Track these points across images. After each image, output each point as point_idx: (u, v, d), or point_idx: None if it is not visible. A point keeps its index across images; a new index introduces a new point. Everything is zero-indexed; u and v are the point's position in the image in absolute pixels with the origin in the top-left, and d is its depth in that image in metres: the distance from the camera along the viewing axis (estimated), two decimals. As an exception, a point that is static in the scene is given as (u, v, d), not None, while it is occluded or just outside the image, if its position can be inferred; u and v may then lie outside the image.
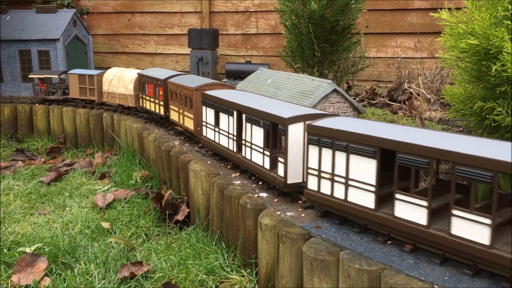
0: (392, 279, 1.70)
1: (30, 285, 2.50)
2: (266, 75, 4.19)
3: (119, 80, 5.04)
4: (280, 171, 2.42)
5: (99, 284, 2.49)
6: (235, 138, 2.91)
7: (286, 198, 2.57)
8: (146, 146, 4.22)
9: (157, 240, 3.10)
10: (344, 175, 2.02)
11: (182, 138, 4.03)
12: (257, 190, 2.71)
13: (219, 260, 2.61)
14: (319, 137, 2.11)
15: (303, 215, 2.34)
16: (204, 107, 3.30)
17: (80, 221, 3.29)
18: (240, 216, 2.55)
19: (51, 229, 3.22)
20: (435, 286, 1.64)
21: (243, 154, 2.82)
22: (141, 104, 4.79)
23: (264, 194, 2.64)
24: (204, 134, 3.38)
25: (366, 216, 1.96)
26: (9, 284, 2.54)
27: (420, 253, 1.87)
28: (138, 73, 4.79)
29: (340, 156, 2.03)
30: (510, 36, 2.52)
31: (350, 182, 2.01)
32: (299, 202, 2.50)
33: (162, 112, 4.31)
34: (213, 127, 3.20)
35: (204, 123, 3.35)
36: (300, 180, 2.41)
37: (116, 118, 5.05)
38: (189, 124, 3.70)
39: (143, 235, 3.13)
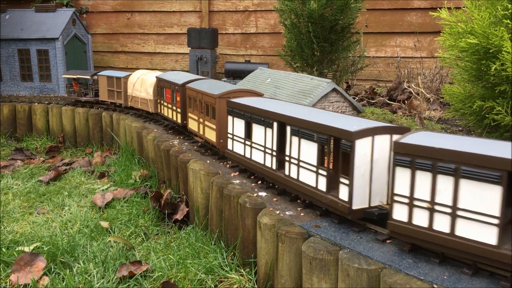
0: (391, 278, 1.69)
1: (28, 284, 2.49)
2: (266, 74, 4.19)
3: (142, 84, 4.73)
4: (343, 194, 2.05)
5: (98, 283, 2.48)
6: (274, 153, 2.51)
7: (285, 198, 2.57)
8: (145, 145, 4.22)
9: (156, 239, 3.09)
10: (450, 204, 1.68)
11: (182, 137, 4.02)
12: (256, 189, 2.70)
13: (218, 260, 2.61)
14: (413, 158, 1.77)
15: (302, 214, 2.34)
16: (230, 117, 2.90)
17: (79, 220, 3.28)
18: (239, 215, 2.54)
19: (50, 228, 3.22)
20: (434, 286, 1.64)
21: (286, 172, 2.40)
22: (159, 111, 4.47)
23: (263, 193, 2.63)
24: (229, 147, 2.97)
25: (484, 254, 1.62)
26: (8, 283, 2.54)
27: (419, 253, 1.86)
28: (156, 77, 4.44)
29: (446, 181, 1.69)
30: (510, 35, 2.52)
31: (460, 213, 1.66)
32: (298, 201, 2.50)
33: (179, 120, 3.93)
34: (242, 140, 2.80)
35: (230, 135, 2.94)
36: (366, 205, 2.06)
37: (115, 117, 5.04)
38: (211, 135, 3.28)
39: (142, 235, 3.13)
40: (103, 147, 5.24)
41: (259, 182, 2.82)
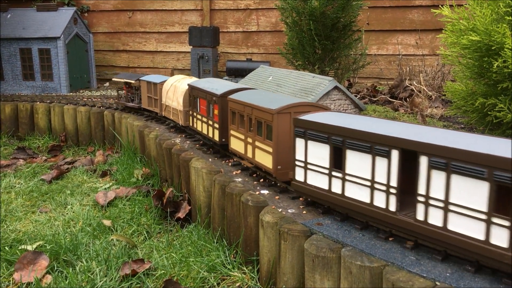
0: (394, 275, 1.69)
1: (31, 282, 2.50)
2: (267, 72, 4.19)
3: (174, 92, 4.09)
4: None
5: (100, 281, 2.49)
6: (393, 190, 1.90)
7: (287, 195, 2.57)
8: (147, 144, 4.22)
9: (158, 237, 3.10)
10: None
11: (184, 135, 4.03)
12: (258, 188, 2.71)
13: (221, 258, 2.61)
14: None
15: (304, 212, 2.34)
16: (301, 140, 2.29)
17: (82, 219, 3.29)
18: (241, 214, 2.55)
19: (53, 227, 3.22)
20: (437, 283, 1.64)
21: (420, 217, 1.80)
22: (191, 124, 3.81)
23: (265, 191, 2.63)
24: (299, 178, 2.35)
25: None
26: (11, 282, 2.55)
27: (421, 250, 1.86)
28: (188, 85, 3.75)
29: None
30: (512, 32, 2.51)
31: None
32: (300, 199, 2.50)
33: (216, 137, 3.29)
34: (325, 171, 2.19)
35: (300, 163, 2.33)
36: None
37: (117, 116, 5.05)
38: (265, 160, 2.68)
39: (145, 233, 3.14)
40: (105, 145, 5.24)
41: (261, 180, 2.82)
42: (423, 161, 1.74)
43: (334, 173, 2.15)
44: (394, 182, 1.87)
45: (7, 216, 3.44)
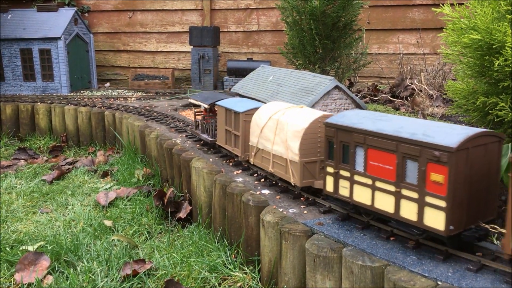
0: (395, 275, 1.69)
1: (32, 283, 2.50)
2: (268, 72, 4.19)
3: (278, 129, 2.55)
4: None
5: (101, 282, 2.48)
6: None
7: (288, 195, 2.56)
8: (148, 144, 4.22)
9: (159, 237, 3.10)
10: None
11: (184, 135, 4.02)
12: (259, 187, 2.70)
13: (222, 258, 2.61)
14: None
15: (305, 212, 2.33)
16: None
17: (83, 219, 3.29)
18: (242, 213, 2.54)
19: (54, 227, 3.22)
20: (438, 283, 1.63)
21: None
22: (329, 188, 2.20)
23: (266, 191, 2.63)
24: None
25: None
26: (12, 283, 2.55)
27: (423, 249, 1.86)
28: (327, 123, 2.18)
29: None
30: (513, 30, 2.51)
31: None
32: (301, 199, 2.49)
33: (439, 225, 1.71)
34: None
35: None
36: None
37: (118, 116, 5.05)
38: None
39: (146, 233, 3.13)
40: (106, 146, 5.24)
41: (262, 180, 2.81)
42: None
43: None
44: None
45: (8, 216, 3.44)
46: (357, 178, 2.02)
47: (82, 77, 7.02)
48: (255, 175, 2.91)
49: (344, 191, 2.10)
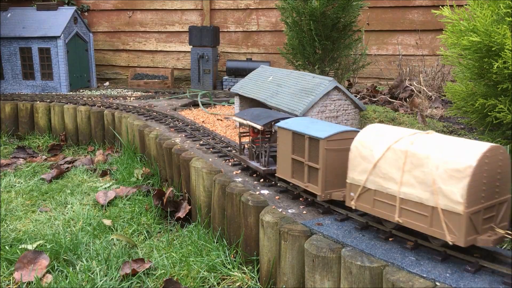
0: (394, 276, 1.70)
1: (32, 282, 2.50)
2: (267, 72, 4.19)
3: (406, 162, 1.85)
4: None
5: (101, 281, 2.49)
6: None
7: (287, 195, 2.57)
8: (147, 144, 4.22)
9: (158, 237, 3.10)
10: None
11: (184, 135, 4.03)
12: (258, 188, 2.71)
13: (221, 257, 2.61)
14: None
15: (304, 212, 2.34)
16: None
17: (82, 218, 3.29)
18: (241, 213, 2.55)
19: (53, 226, 3.23)
20: (437, 283, 1.64)
21: None
22: None
23: (265, 191, 2.64)
24: None
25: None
26: (11, 281, 2.55)
27: (421, 250, 1.87)
28: None
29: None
30: (512, 33, 2.52)
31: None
32: (301, 199, 2.50)
33: None
34: None
35: None
36: None
37: (117, 116, 5.05)
38: None
39: (145, 232, 3.14)
40: (105, 145, 5.24)
41: (261, 180, 2.82)
42: None
43: None
44: None
45: (7, 215, 3.44)
46: None
47: (82, 76, 7.02)
48: (254, 175, 2.92)
49: None
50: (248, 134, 2.97)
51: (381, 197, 1.95)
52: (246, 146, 3.07)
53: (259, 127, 2.74)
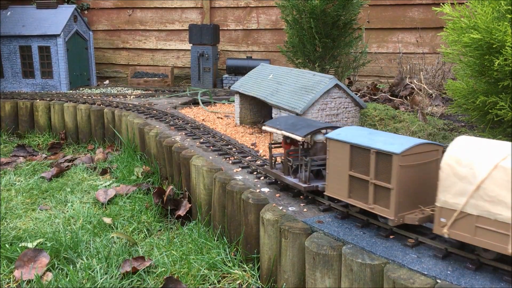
0: (395, 273, 1.70)
1: (32, 280, 2.50)
2: (268, 70, 4.19)
3: None
4: None
5: (101, 279, 2.49)
6: None
7: (288, 193, 2.57)
8: (147, 142, 4.22)
9: (159, 235, 3.10)
10: None
11: (184, 133, 4.02)
12: (259, 185, 2.71)
13: (221, 255, 2.61)
14: None
15: (305, 209, 2.34)
16: None
17: (82, 217, 3.29)
18: (242, 211, 2.55)
19: (53, 224, 3.22)
20: (438, 281, 1.64)
21: None
22: None
23: (266, 189, 2.63)
24: None
25: None
26: (11, 279, 2.55)
27: (422, 248, 1.87)
28: None
29: None
30: (513, 30, 2.51)
31: None
32: (301, 197, 2.49)
33: None
34: None
35: None
36: None
37: (117, 114, 5.04)
38: None
39: (145, 230, 3.14)
40: (105, 143, 5.24)
41: (262, 178, 2.82)
42: None
43: None
44: None
45: (7, 213, 3.44)
46: None
47: (81, 74, 7.01)
48: (255, 173, 2.91)
49: None
50: (280, 145, 2.64)
51: (487, 224, 1.63)
52: (278, 159, 2.77)
53: (299, 138, 2.38)
